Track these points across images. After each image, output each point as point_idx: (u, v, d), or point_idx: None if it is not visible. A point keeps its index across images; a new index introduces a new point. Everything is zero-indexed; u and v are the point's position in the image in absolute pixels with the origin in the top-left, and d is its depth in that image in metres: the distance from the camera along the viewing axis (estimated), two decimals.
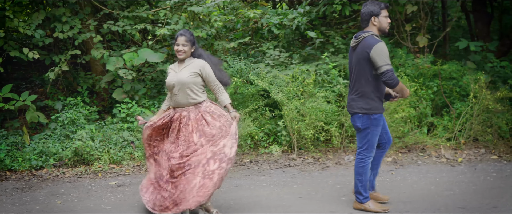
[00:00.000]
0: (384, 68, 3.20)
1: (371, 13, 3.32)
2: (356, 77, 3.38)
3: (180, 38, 3.48)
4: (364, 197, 3.55)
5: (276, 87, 5.75)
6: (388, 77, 3.20)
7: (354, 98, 3.42)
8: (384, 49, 3.22)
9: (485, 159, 5.03)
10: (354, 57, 3.38)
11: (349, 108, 3.48)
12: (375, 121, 3.37)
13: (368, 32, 3.33)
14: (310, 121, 5.29)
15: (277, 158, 5.28)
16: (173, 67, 3.60)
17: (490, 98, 5.32)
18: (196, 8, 6.52)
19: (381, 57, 3.19)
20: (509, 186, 4.11)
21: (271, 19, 7.15)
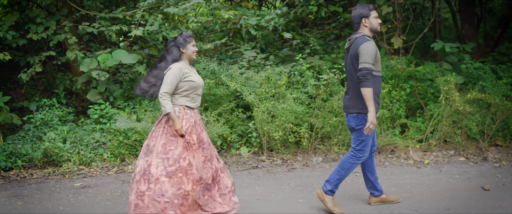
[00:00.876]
0: (364, 65, 3.26)
1: (361, 15, 3.41)
2: (350, 77, 3.45)
3: (193, 40, 3.52)
4: (330, 190, 3.56)
5: (249, 88, 5.76)
6: (363, 74, 3.25)
7: (349, 98, 3.46)
8: (370, 49, 3.28)
9: (453, 161, 5.03)
10: (348, 58, 3.46)
11: (345, 108, 3.53)
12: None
13: (359, 33, 3.42)
14: (279, 123, 5.29)
15: (246, 159, 5.29)
16: (188, 68, 3.50)
17: (459, 100, 5.32)
18: (172, 9, 6.54)
19: (365, 55, 3.26)
20: (469, 188, 4.11)
21: (249, 20, 7.17)
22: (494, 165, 4.79)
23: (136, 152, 5.48)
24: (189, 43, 3.49)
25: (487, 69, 5.97)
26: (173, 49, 3.48)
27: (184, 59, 3.51)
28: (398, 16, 6.55)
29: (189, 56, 3.51)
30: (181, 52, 3.48)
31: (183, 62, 3.49)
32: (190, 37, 3.50)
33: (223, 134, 5.56)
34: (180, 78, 3.38)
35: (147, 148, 3.43)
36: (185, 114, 3.43)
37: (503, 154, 5.16)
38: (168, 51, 3.49)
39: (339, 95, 5.52)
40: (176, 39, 3.50)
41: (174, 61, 3.45)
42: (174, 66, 3.41)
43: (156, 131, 3.46)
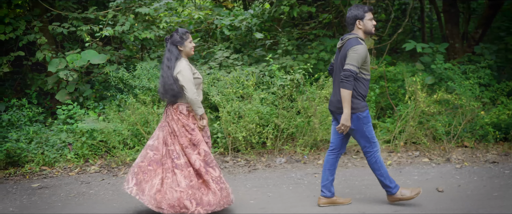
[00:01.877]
0: (349, 66, 3.29)
1: (356, 16, 3.40)
2: (340, 77, 3.42)
3: (190, 36, 3.53)
4: (393, 188, 3.58)
5: (217, 89, 5.74)
6: (346, 75, 3.28)
7: (338, 99, 3.43)
8: (360, 52, 3.29)
9: (416, 162, 5.00)
10: (339, 58, 3.45)
11: (333, 108, 3.52)
12: (365, 118, 3.43)
13: (353, 34, 3.41)
14: (244, 123, 5.27)
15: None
16: (190, 65, 3.54)
17: (425, 100, 5.29)
18: (143, 9, 6.52)
19: (352, 58, 3.28)
20: (424, 189, 4.04)
21: (223, 20, 7.16)
22: (456, 166, 4.76)
23: (101, 153, 5.46)
24: (186, 40, 3.49)
25: (456, 69, 5.93)
26: (172, 47, 3.48)
27: (183, 56, 3.53)
28: None
29: (187, 53, 3.53)
30: (179, 50, 3.49)
31: (185, 60, 3.52)
32: (187, 34, 3.50)
33: None
34: (192, 75, 3.46)
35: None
36: (192, 110, 3.52)
37: (467, 155, 5.12)
38: (169, 51, 3.49)
39: (305, 96, 5.49)
40: (172, 37, 3.49)
41: (177, 59, 3.48)
42: (182, 65, 3.43)
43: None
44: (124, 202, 4.00)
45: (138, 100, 5.63)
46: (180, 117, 3.51)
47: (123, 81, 5.80)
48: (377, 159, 3.55)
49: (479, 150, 5.31)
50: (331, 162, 3.69)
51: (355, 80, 3.36)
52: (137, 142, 5.50)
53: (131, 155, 5.27)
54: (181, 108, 3.52)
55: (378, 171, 3.57)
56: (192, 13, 6.70)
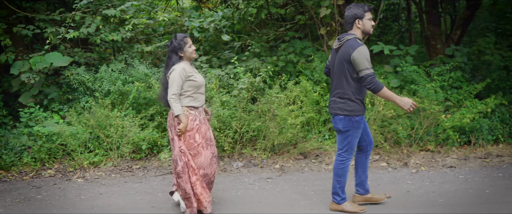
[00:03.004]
0: (364, 72, 3.20)
1: (355, 16, 3.33)
2: (337, 79, 3.37)
3: (189, 40, 3.52)
4: (341, 198, 3.55)
5: None
6: (368, 82, 3.20)
7: (335, 100, 3.39)
8: (365, 53, 3.21)
9: (374, 166, 4.94)
10: (336, 59, 3.37)
11: (331, 109, 3.46)
12: (356, 123, 3.35)
13: (351, 34, 3.33)
14: None
15: (168, 164, 5.21)
16: (190, 68, 3.52)
17: (383, 103, 5.23)
18: (110, 11, 6.48)
19: (362, 61, 3.19)
20: None
21: (193, 22, 7.11)
22: (411, 171, 4.70)
23: (59, 157, 5.42)
24: (185, 45, 3.48)
25: (421, 72, 5.86)
26: (172, 55, 3.49)
27: (185, 60, 3.53)
28: (337, 18, 6.44)
29: (188, 57, 3.52)
30: (180, 56, 3.50)
31: (184, 63, 3.50)
32: (186, 38, 3.49)
33: (150, 138, 5.49)
34: (184, 78, 3.42)
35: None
36: (189, 115, 3.47)
37: (426, 159, 5.06)
38: (169, 58, 3.51)
39: (264, 99, 5.44)
40: (171, 44, 3.50)
41: (173, 65, 3.48)
42: (176, 67, 3.43)
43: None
44: (67, 208, 3.96)
45: (99, 104, 5.59)
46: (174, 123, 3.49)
47: (84, 84, 5.75)
48: (345, 166, 3.49)
49: (440, 154, 5.25)
50: (361, 161, 3.64)
51: (355, 81, 3.29)
52: (97, 146, 5.46)
53: (90, 159, 5.23)
54: None
55: (339, 178, 3.52)
56: (157, 15, 6.63)
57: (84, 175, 4.94)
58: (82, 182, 4.73)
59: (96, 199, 4.19)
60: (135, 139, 5.36)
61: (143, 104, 5.87)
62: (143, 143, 5.42)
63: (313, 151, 5.42)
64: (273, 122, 5.21)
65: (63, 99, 6.37)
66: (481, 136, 5.57)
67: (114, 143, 5.33)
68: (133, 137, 5.30)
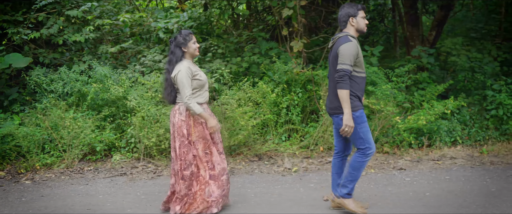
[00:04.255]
0: (340, 66, 3.19)
1: (348, 14, 3.34)
2: (333, 77, 3.34)
3: (194, 37, 3.49)
4: (347, 193, 3.46)
5: (138, 92, 5.67)
6: (339, 75, 3.19)
7: (332, 99, 3.36)
8: (350, 49, 3.19)
9: (324, 168, 4.89)
10: (331, 58, 3.37)
11: (330, 110, 3.41)
12: (359, 118, 3.30)
13: (344, 33, 3.33)
14: (155, 128, 5.18)
15: (122, 166, 5.18)
16: (193, 67, 3.48)
17: None
18: (72, 12, 6.46)
19: (344, 56, 3.18)
20: (311, 198, 3.95)
21: (159, 23, 7.08)
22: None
23: (12, 158, 5.39)
24: (190, 41, 3.45)
25: (381, 73, 5.82)
26: (176, 49, 3.45)
27: (187, 57, 3.49)
28: (299, 19, 6.40)
29: (191, 53, 3.48)
30: (183, 51, 3.45)
31: (187, 61, 3.46)
32: (190, 35, 3.46)
33: (106, 140, 5.46)
34: (191, 77, 3.39)
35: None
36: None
37: (379, 161, 5.02)
38: (172, 53, 3.47)
39: (219, 101, 5.40)
40: (176, 39, 3.46)
41: (178, 61, 3.44)
42: (181, 67, 3.38)
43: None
44: (2, 210, 3.92)
45: (55, 105, 5.56)
46: (175, 120, 3.47)
47: (40, 86, 5.73)
48: (364, 161, 3.36)
49: (395, 156, 5.21)
50: (338, 166, 3.60)
51: (350, 78, 3.25)
52: (53, 147, 5.42)
53: (42, 160, 5.20)
54: (181, 108, 3.48)
55: (354, 171, 3.39)
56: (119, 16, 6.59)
57: (33, 177, 4.91)
58: (29, 184, 4.70)
59: (36, 201, 4.15)
60: (90, 141, 5.32)
61: (102, 105, 5.84)
62: (98, 145, 5.39)
63: (268, 153, 5.39)
64: (226, 124, 5.18)
65: (26, 100, 6.34)
66: (439, 138, 5.53)
67: (68, 144, 5.30)
68: (86, 139, 5.26)
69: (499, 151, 5.24)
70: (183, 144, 3.45)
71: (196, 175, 3.50)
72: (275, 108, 5.78)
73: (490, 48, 7.10)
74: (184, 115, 3.45)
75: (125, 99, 5.63)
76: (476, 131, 5.65)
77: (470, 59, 6.67)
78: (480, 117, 5.86)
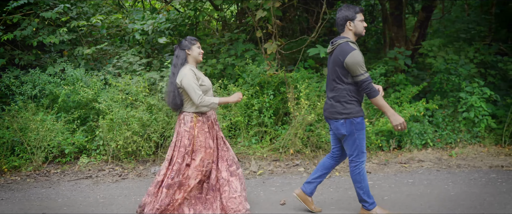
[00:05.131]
0: (360, 78, 3.14)
1: (346, 17, 3.26)
2: (331, 82, 3.30)
3: (198, 42, 3.51)
4: (370, 204, 3.40)
5: (109, 95, 5.65)
6: (364, 87, 3.15)
7: (331, 104, 3.30)
8: (358, 57, 3.12)
9: (290, 171, 4.86)
10: (330, 62, 3.31)
11: (327, 113, 3.35)
12: (359, 125, 3.25)
13: (343, 38, 3.25)
14: (122, 131, 5.16)
15: (89, 168, 5.16)
16: (196, 71, 3.46)
17: (305, 108, 5.16)
18: (46, 13, 6.45)
19: (356, 68, 3.11)
20: (269, 202, 3.93)
21: (136, 24, 7.06)
22: None
23: None
24: (194, 45, 3.47)
25: None
26: (180, 53, 3.47)
27: (190, 61, 3.48)
28: (273, 20, 6.38)
29: (195, 58, 3.48)
30: (187, 54, 3.46)
31: (190, 65, 3.45)
32: (195, 40, 3.49)
33: (76, 142, 5.44)
34: (196, 77, 3.37)
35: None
36: (198, 121, 3.43)
37: (346, 164, 4.98)
38: (176, 56, 3.48)
39: None
40: (181, 43, 3.49)
41: (182, 64, 3.44)
42: (185, 71, 3.37)
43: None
44: None
45: (25, 107, 5.55)
46: (180, 129, 3.45)
47: (9, 88, 5.72)
48: (361, 170, 3.33)
49: None
50: (326, 164, 3.55)
51: (349, 83, 3.20)
52: (23, 149, 5.41)
53: (11, 163, 5.18)
54: (186, 118, 3.45)
55: (359, 184, 3.36)
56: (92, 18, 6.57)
57: None
58: None
59: None
60: (62, 143, 5.30)
61: (74, 107, 5.82)
62: (67, 147, 5.37)
63: (238, 155, 5.36)
64: None
65: None
66: (410, 141, 5.50)
67: (37, 147, 5.28)
68: (54, 141, 5.25)
69: (468, 154, 5.21)
70: (180, 154, 3.43)
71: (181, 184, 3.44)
72: (248, 110, 5.76)
73: (468, 49, 7.06)
74: (188, 126, 3.42)
75: (95, 102, 5.61)
76: (447, 134, 5.61)
77: (447, 60, 6.63)
78: (453, 119, 5.82)
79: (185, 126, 3.42)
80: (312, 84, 5.89)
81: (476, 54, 6.65)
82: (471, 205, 3.66)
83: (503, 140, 5.52)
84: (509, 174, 4.53)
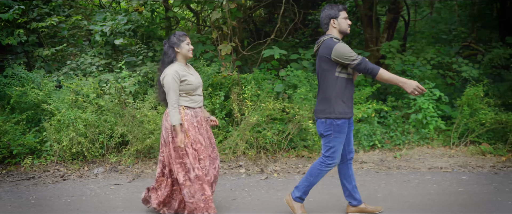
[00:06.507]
0: (355, 62, 3.08)
1: (329, 16, 3.27)
2: (320, 81, 3.29)
3: (188, 38, 3.38)
4: (299, 197, 3.40)
5: (60, 96, 5.67)
6: (362, 68, 3.07)
7: (318, 103, 3.29)
8: (344, 47, 3.10)
9: (230, 173, 4.87)
10: (317, 61, 3.32)
11: (315, 113, 3.34)
12: (338, 127, 3.18)
13: (327, 35, 3.26)
14: (68, 132, 5.18)
15: (35, 170, 5.18)
16: (184, 69, 3.33)
17: (250, 109, 5.17)
18: (4, 15, 6.47)
19: (346, 55, 3.07)
20: None
21: (96, 26, 7.08)
22: (260, 178, 4.62)
23: None
24: (183, 41, 3.33)
25: (302, 77, 5.79)
26: (168, 50, 3.34)
27: (179, 59, 3.36)
28: (229, 22, 6.39)
29: (184, 55, 3.35)
30: (176, 52, 3.34)
31: (178, 63, 3.33)
32: (184, 36, 3.36)
33: (25, 143, 5.46)
34: (179, 81, 3.24)
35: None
36: (185, 114, 3.29)
37: (289, 165, 4.99)
38: (165, 53, 3.36)
39: (134, 104, 5.39)
40: (169, 40, 3.35)
41: (170, 62, 3.33)
42: (169, 70, 3.25)
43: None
44: None
45: None
46: (168, 125, 3.31)
47: None
48: (323, 170, 3.29)
49: (309, 160, 5.18)
50: (343, 172, 3.48)
51: (336, 82, 3.16)
52: None
53: None
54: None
55: (311, 177, 3.33)
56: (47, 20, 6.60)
57: None
58: None
59: None
60: (12, 144, 5.32)
61: (26, 108, 5.84)
62: (16, 148, 5.38)
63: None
64: (138, 128, 5.16)
65: None
66: (358, 142, 5.49)
67: None
68: (1, 142, 5.27)
69: (413, 155, 5.20)
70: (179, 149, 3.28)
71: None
72: None
73: (427, 51, 7.06)
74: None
75: (45, 103, 5.63)
76: (396, 135, 5.61)
77: (404, 62, 6.64)
78: (404, 121, 5.82)
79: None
80: (264, 85, 5.90)
81: (433, 55, 6.65)
82: (392, 206, 3.66)
83: (452, 142, 5.51)
84: (444, 175, 4.52)
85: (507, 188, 4.06)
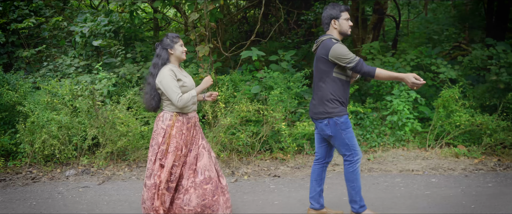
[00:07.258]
0: (352, 64, 3.06)
1: (331, 16, 3.24)
2: (316, 81, 3.27)
3: (181, 40, 3.33)
4: (359, 206, 3.29)
5: (35, 98, 5.65)
6: (359, 69, 3.06)
7: (315, 103, 3.26)
8: (341, 48, 3.08)
9: None
10: (314, 61, 3.30)
11: (313, 115, 3.30)
12: (343, 124, 3.17)
13: (327, 35, 3.24)
14: (41, 134, 5.16)
15: (8, 171, 5.16)
16: (177, 71, 3.25)
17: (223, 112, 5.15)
18: None
19: (343, 55, 3.06)
20: None
21: (76, 27, 7.07)
22: (230, 181, 4.61)
23: None
24: (176, 43, 3.27)
25: (278, 79, 5.77)
26: (161, 52, 3.26)
27: (173, 61, 3.28)
28: (207, 23, 6.37)
29: (178, 57, 3.28)
30: (169, 53, 3.27)
31: (171, 65, 3.25)
32: (177, 37, 3.29)
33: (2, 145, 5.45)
34: (176, 79, 3.17)
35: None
36: (177, 121, 3.23)
37: (261, 168, 4.97)
38: (157, 56, 3.26)
39: (107, 107, 5.37)
40: (162, 41, 3.29)
41: (163, 64, 3.24)
42: (165, 72, 3.16)
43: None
44: None
45: None
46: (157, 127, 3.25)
47: None
48: (355, 169, 3.23)
49: (282, 162, 5.15)
50: (317, 173, 3.46)
51: (333, 82, 3.14)
52: None
53: None
54: (165, 116, 3.25)
55: (352, 183, 3.25)
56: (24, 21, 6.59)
57: None
58: None
59: None
60: None
61: (1, 110, 5.83)
62: None
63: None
64: (111, 129, 5.15)
65: None
66: None
67: None
68: None
69: (386, 158, 5.18)
70: (154, 152, 3.23)
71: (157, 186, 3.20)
72: None
73: (408, 51, 7.03)
74: (166, 124, 3.22)
75: (19, 105, 5.61)
76: (371, 137, 5.59)
77: (384, 63, 6.61)
78: (381, 122, 5.80)
79: (163, 123, 3.22)
80: (241, 87, 5.88)
81: (413, 57, 6.62)
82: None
83: (428, 144, 5.49)
84: (414, 178, 4.50)
85: (474, 191, 4.03)
